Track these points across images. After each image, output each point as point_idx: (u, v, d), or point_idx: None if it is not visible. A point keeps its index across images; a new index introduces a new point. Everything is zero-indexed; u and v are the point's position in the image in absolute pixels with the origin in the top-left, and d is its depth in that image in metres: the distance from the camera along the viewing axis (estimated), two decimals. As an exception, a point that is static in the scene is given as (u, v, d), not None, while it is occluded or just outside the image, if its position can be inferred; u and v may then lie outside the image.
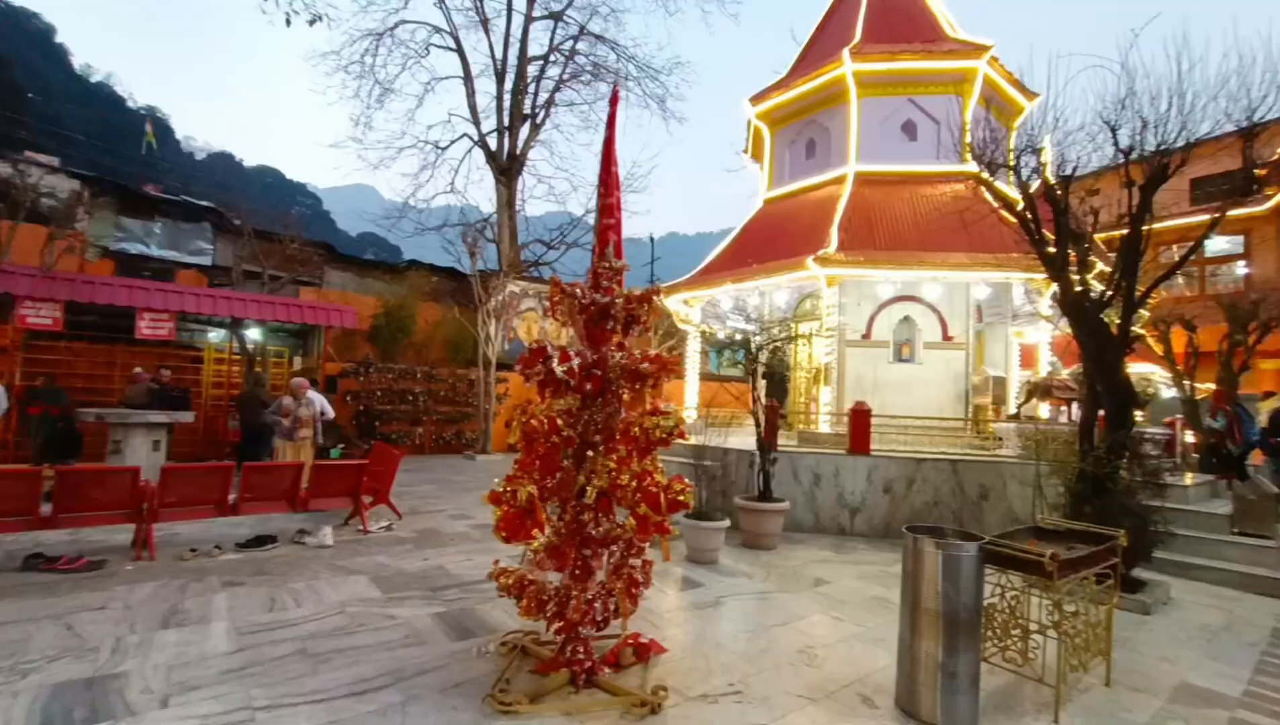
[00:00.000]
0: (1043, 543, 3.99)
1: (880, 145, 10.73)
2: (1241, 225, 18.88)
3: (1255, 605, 5.80)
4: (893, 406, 9.63)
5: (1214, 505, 7.72)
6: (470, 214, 17.95)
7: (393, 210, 18.56)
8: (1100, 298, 6.18)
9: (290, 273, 16.38)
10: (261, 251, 15.86)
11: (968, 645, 3.35)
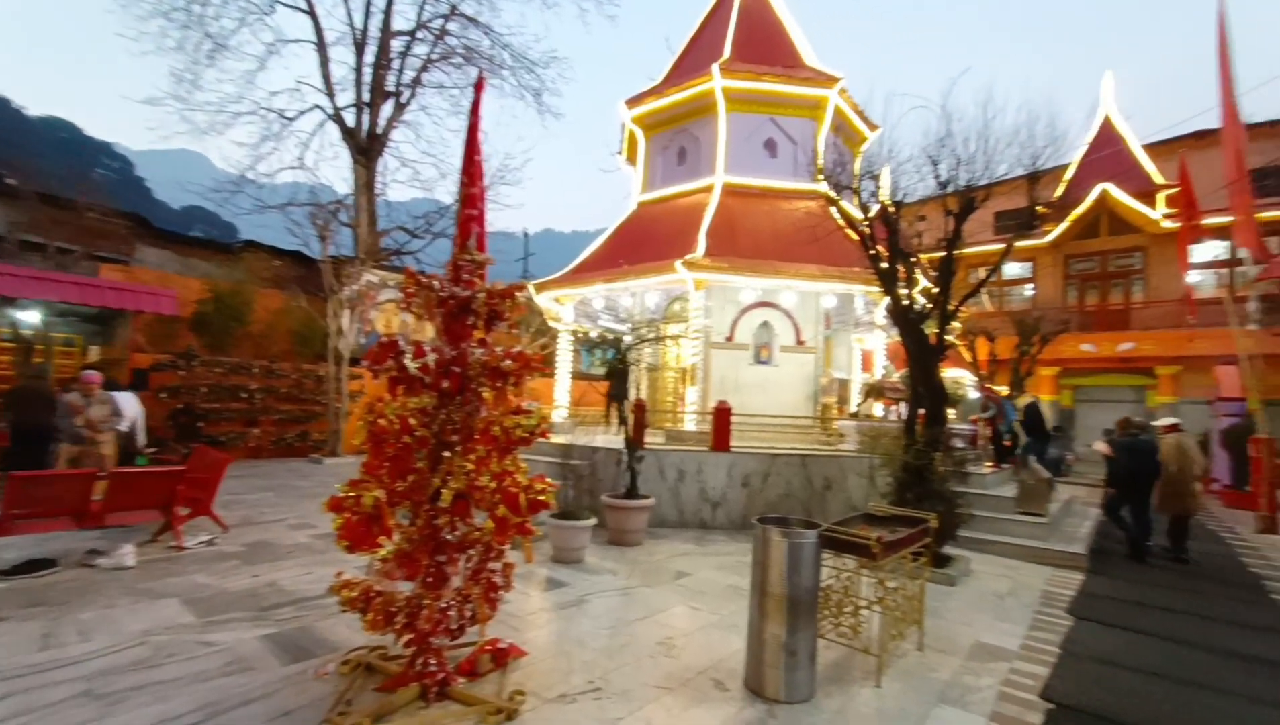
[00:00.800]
0: (871, 527, 4.44)
1: (745, 159, 11.43)
2: (1029, 254, 22.57)
3: (1032, 572, 6.91)
4: (752, 405, 10.28)
5: (1004, 489, 9.09)
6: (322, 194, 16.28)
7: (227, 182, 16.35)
8: (922, 310, 7.05)
9: (85, 247, 13.86)
10: (48, 220, 13.25)
11: (806, 624, 3.64)
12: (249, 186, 16.38)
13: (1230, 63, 11.28)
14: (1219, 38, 11.61)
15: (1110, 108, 22.24)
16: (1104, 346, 19.87)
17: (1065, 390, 21.27)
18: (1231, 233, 11.71)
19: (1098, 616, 5.41)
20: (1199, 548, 8.70)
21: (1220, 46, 11.54)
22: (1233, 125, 11.20)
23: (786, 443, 9.50)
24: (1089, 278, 21.79)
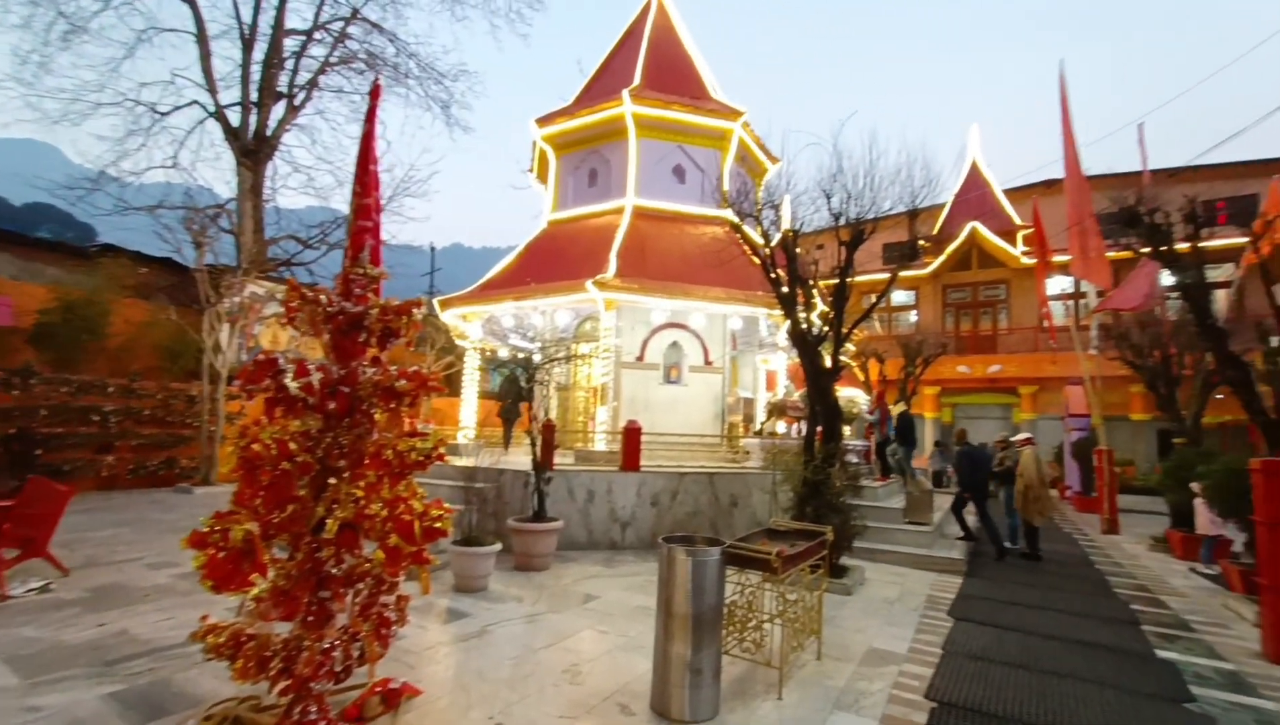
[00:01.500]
0: (773, 542, 4.58)
1: (655, 184, 11.73)
2: (913, 283, 24.65)
3: (919, 578, 7.39)
4: (662, 424, 10.40)
5: (894, 501, 9.73)
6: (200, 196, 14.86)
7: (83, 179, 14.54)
8: (819, 333, 7.47)
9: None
10: None
11: (711, 642, 3.67)
12: (110, 185, 14.65)
13: (1071, 122, 12.98)
14: (1061, 102, 13.35)
15: (977, 155, 24.94)
16: (976, 368, 21.99)
17: (945, 407, 23.27)
18: (1071, 269, 13.38)
19: (973, 617, 5.87)
20: (1055, 548, 9.72)
21: (1063, 109, 13.28)
22: (1074, 176, 12.87)
23: (695, 461, 9.67)
24: (963, 306, 24.12)
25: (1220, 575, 7.76)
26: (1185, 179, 17.40)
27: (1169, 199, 8.21)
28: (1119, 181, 11.48)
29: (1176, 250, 7.68)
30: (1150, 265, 9.54)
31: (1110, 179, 17.59)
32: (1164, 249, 7.73)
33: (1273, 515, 5.10)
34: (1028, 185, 23.41)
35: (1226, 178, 19.87)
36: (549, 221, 12.78)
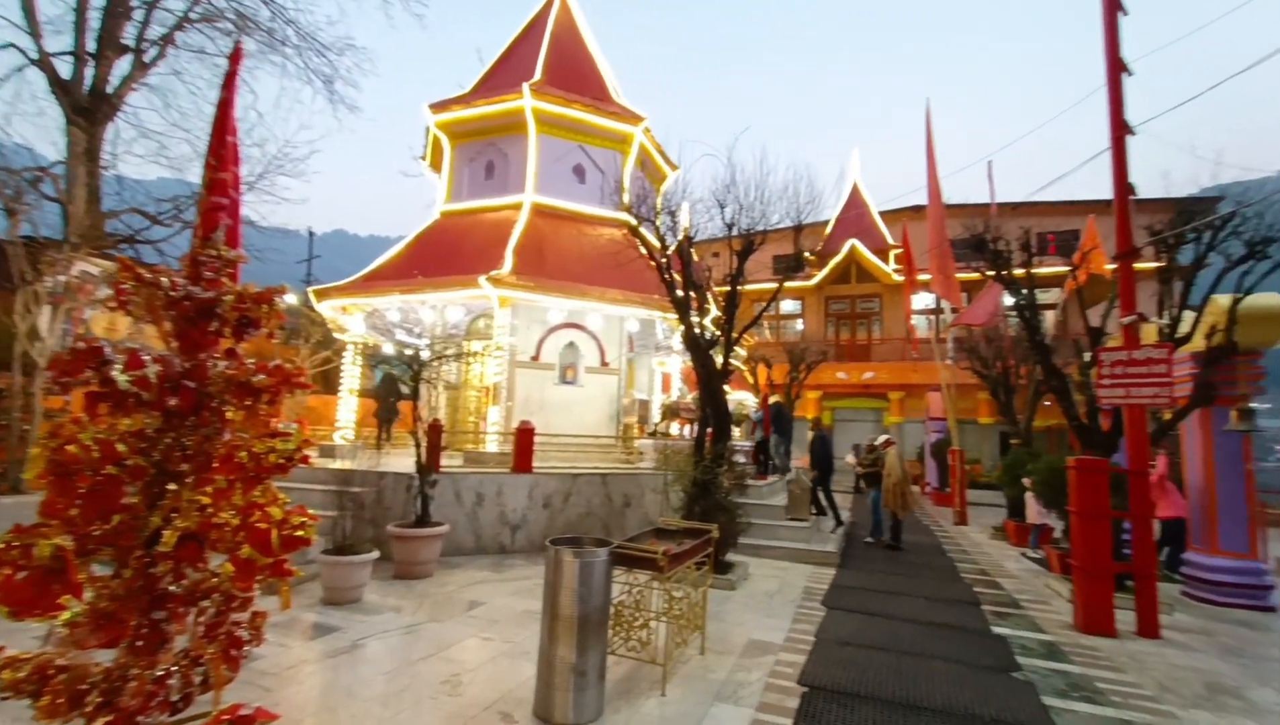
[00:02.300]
0: (661, 541, 4.66)
1: (554, 181, 11.59)
2: (799, 294, 26.25)
3: (798, 571, 7.84)
4: (557, 425, 10.29)
5: (777, 498, 10.26)
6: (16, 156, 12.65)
7: None
8: (711, 337, 7.72)
9: None
10: None
11: (597, 643, 3.66)
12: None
13: (934, 157, 14.42)
14: (926, 139, 14.79)
15: (858, 177, 27.04)
16: (853, 374, 23.80)
17: (826, 410, 24.95)
18: (932, 287, 14.86)
19: (844, 605, 6.32)
20: (915, 539, 10.72)
21: (928, 146, 14.72)
22: (935, 205, 14.30)
23: (589, 462, 9.65)
24: (843, 316, 26.02)
25: (1044, 559, 8.91)
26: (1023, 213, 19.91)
27: (1010, 230, 9.33)
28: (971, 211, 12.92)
29: (1014, 275, 8.74)
30: (995, 287, 10.80)
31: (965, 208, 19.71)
32: (1004, 273, 8.77)
33: (1083, 506, 5.92)
34: (899, 209, 25.72)
35: (1056, 214, 22.98)
36: (442, 212, 12.22)
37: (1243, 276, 6.90)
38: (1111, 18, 6.50)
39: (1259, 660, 5.20)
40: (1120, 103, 6.42)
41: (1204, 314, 7.20)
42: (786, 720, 3.69)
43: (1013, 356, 13.25)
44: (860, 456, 10.42)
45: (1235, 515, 7.03)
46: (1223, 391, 7.07)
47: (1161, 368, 5.92)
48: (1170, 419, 7.27)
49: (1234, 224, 6.89)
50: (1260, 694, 4.45)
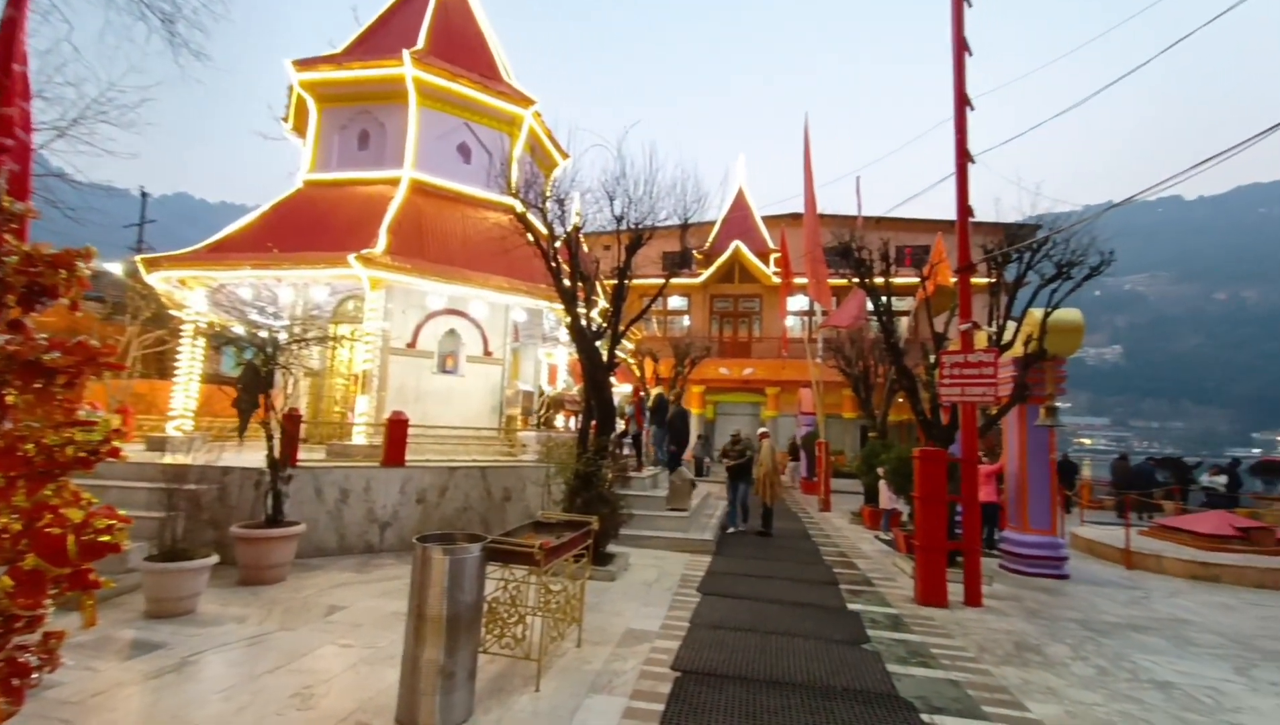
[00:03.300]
0: (539, 535, 4.56)
1: (437, 159, 10.95)
2: (686, 291, 27.06)
3: (676, 560, 8.04)
4: (435, 417, 9.79)
5: (659, 490, 10.48)
6: None
7: None
8: (598, 329, 7.70)
9: None
10: None
11: (467, 643, 3.50)
12: None
13: (811, 167, 15.41)
14: (804, 150, 15.77)
15: (743, 182, 28.32)
16: (734, 370, 24.96)
17: (709, 404, 25.96)
18: (807, 291, 15.95)
19: (717, 591, 6.57)
20: (784, 526, 11.43)
21: (805, 156, 15.71)
22: (811, 213, 15.30)
23: (468, 455, 9.27)
24: (726, 314, 27.19)
25: (893, 540, 9.87)
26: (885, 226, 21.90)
27: (872, 241, 10.20)
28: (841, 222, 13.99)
29: (875, 283, 9.56)
30: (859, 293, 11.75)
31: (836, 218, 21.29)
32: (867, 281, 9.57)
33: (925, 491, 6.61)
34: (779, 215, 27.27)
35: (913, 230, 25.54)
36: (305, 181, 11.11)
37: (1052, 293, 8.04)
38: (959, 58, 7.27)
39: (1054, 620, 6.10)
40: (964, 134, 7.20)
41: (1023, 324, 8.30)
42: (658, 706, 3.75)
43: (872, 357, 14.55)
44: (728, 448, 10.64)
45: (1042, 498, 8.20)
46: (1034, 391, 8.20)
47: (990, 370, 6.74)
48: (995, 414, 8.32)
49: (1046, 248, 8.01)
50: (1054, 649, 5.21)
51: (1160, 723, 3.86)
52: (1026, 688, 4.31)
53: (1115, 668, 4.82)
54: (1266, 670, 4.93)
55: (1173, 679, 4.63)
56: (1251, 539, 9.00)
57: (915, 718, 3.71)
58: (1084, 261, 7.91)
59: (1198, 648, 5.44)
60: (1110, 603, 6.94)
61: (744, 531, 10.05)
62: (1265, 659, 5.21)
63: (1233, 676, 4.75)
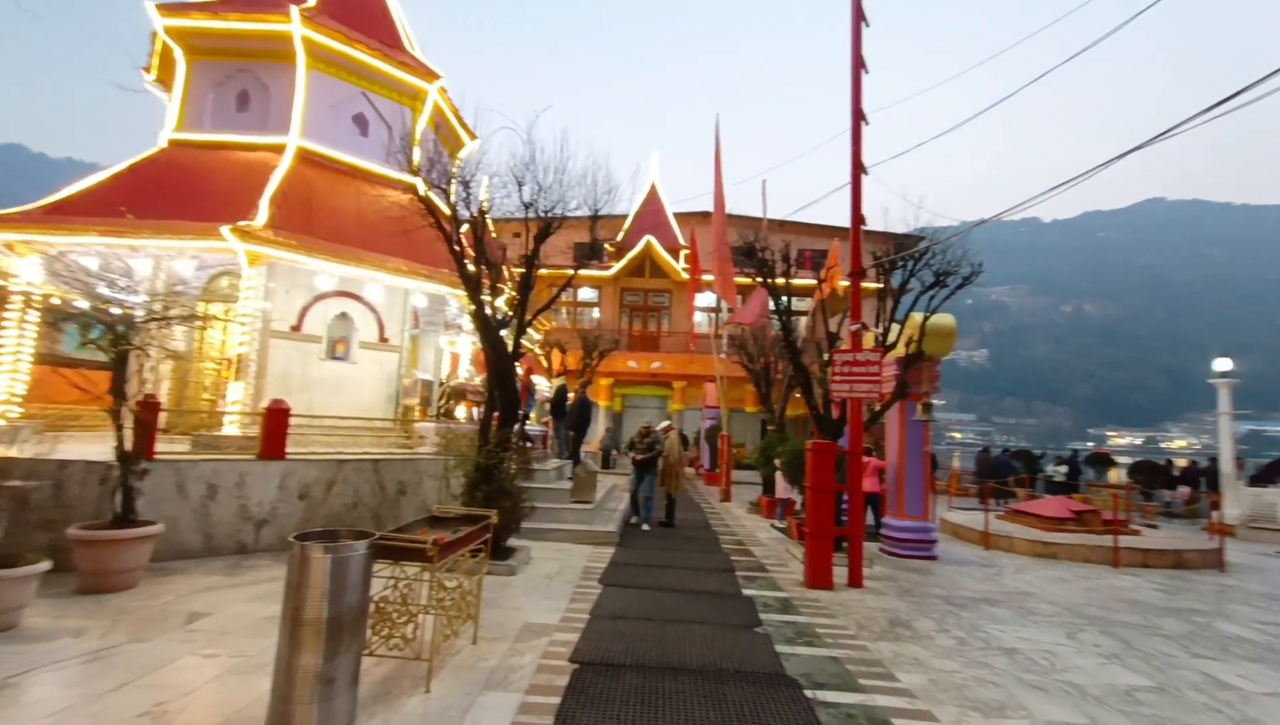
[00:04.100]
0: (434, 530, 4.36)
1: (330, 129, 10.12)
2: (597, 282, 26.99)
3: (579, 552, 8.00)
4: (323, 406, 9.13)
5: (564, 482, 10.39)
6: None
7: None
8: (503, 318, 7.48)
9: None
10: None
11: (350, 646, 3.28)
12: None
13: (721, 167, 15.82)
14: (715, 151, 16.18)
15: (656, 178, 28.61)
16: (643, 363, 25.23)
17: (617, 397, 26.08)
18: (714, 287, 16.41)
19: (619, 581, 6.61)
20: (686, 516, 11.71)
21: (716, 157, 16.11)
22: (719, 212, 15.73)
23: (360, 447, 8.72)
24: (636, 308, 27.42)
25: (787, 528, 10.39)
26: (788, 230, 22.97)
27: (775, 243, 10.65)
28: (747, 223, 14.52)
29: (776, 283, 9.99)
30: (762, 292, 12.23)
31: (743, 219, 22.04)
32: (769, 281, 9.98)
33: (815, 481, 6.99)
34: (690, 212, 27.83)
35: (813, 234, 26.96)
36: (171, 141, 9.87)
37: (930, 300, 8.77)
38: (857, 76, 7.72)
39: (923, 598, 6.68)
40: (859, 146, 7.66)
41: (905, 327, 8.99)
42: (555, 699, 3.71)
43: (773, 354, 15.23)
44: (636, 441, 10.58)
45: (916, 486, 8.94)
46: (913, 389, 8.92)
47: (876, 368, 7.24)
48: (879, 410, 8.96)
49: (927, 258, 8.72)
50: (922, 623, 5.70)
51: (1005, 684, 4.32)
52: (897, 660, 4.68)
53: (971, 637, 5.35)
54: (1090, 634, 5.66)
55: (1017, 645, 5.20)
56: (1083, 521, 10.32)
57: (800, 694, 3.92)
58: (958, 271, 8.69)
59: (1037, 617, 6.15)
60: (969, 580, 7.70)
61: (648, 526, 10.13)
62: (1090, 624, 5.98)
63: (1064, 640, 5.42)
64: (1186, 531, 12.73)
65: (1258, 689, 4.49)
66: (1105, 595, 7.22)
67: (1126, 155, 4.64)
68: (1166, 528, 13.36)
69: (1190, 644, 5.50)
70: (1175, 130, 4.32)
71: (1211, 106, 4.09)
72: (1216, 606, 6.98)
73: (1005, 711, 3.87)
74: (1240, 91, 3.96)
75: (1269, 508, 13.30)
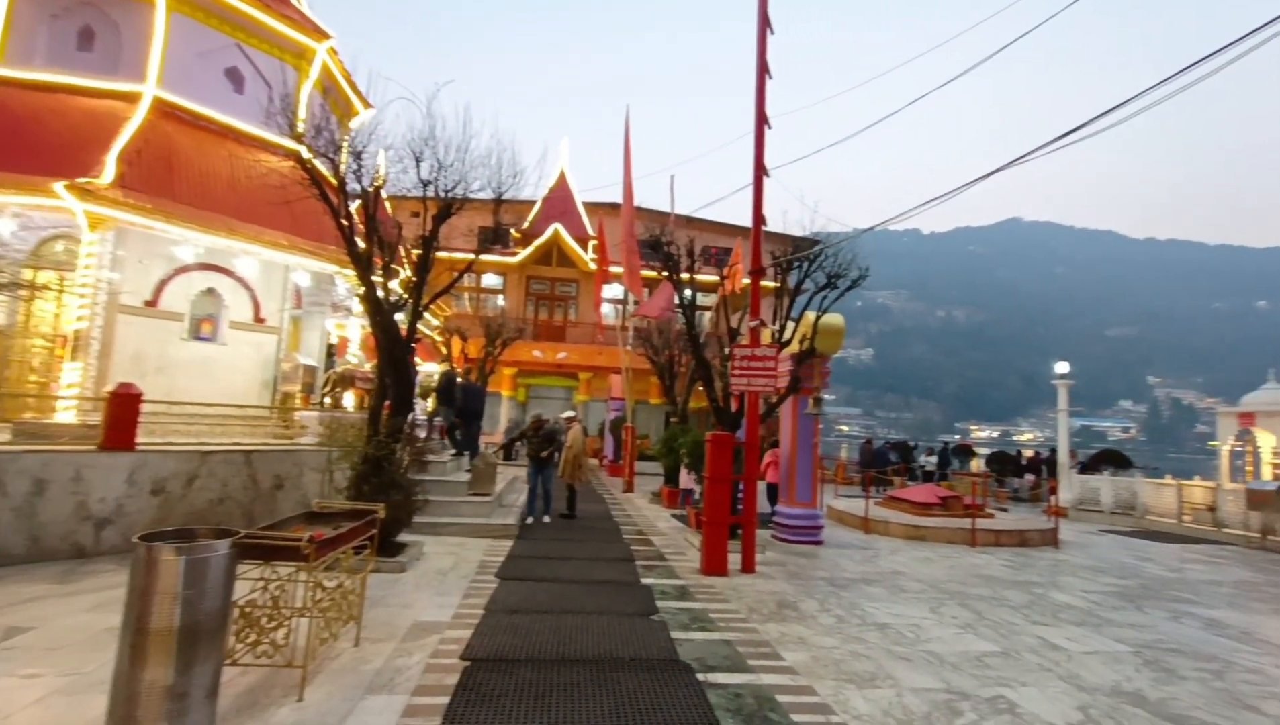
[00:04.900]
0: (313, 526, 4.04)
1: (197, 81, 9.00)
2: (502, 269, 26.23)
3: (476, 546, 7.74)
4: (186, 391, 8.20)
5: (462, 474, 10.02)
6: None
7: None
8: (397, 301, 7.05)
9: None
10: None
11: (207, 656, 2.97)
12: None
13: (630, 160, 15.84)
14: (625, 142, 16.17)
15: (565, 165, 28.20)
16: (548, 353, 24.87)
17: (521, 388, 25.55)
18: (622, 279, 16.46)
19: (517, 575, 6.47)
20: (588, 507, 11.69)
21: (625, 149, 16.11)
22: (628, 204, 15.76)
23: (230, 437, 7.92)
24: (543, 297, 26.97)
25: (686, 516, 10.65)
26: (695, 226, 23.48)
27: (681, 238, 10.83)
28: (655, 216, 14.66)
29: (681, 278, 10.17)
30: (668, 286, 12.42)
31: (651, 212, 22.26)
32: (674, 275, 10.14)
33: (714, 471, 7.20)
34: (599, 202, 27.72)
35: (719, 232, 27.72)
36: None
37: (823, 300, 9.28)
38: (761, 81, 7.99)
39: (809, 580, 7.09)
40: (762, 149, 7.94)
41: (799, 325, 9.47)
42: (444, 699, 3.55)
43: (677, 347, 15.53)
44: (524, 431, 10.18)
45: (806, 476, 9.46)
46: (805, 384, 9.42)
47: (772, 364, 7.56)
48: (774, 403, 9.39)
49: (820, 260, 9.22)
50: (807, 604, 6.04)
51: (877, 656, 4.67)
52: (783, 640, 4.92)
53: (849, 615, 5.74)
54: (950, 608, 6.25)
55: (888, 620, 5.65)
56: (947, 506, 11.41)
57: (692, 678, 4.01)
58: (847, 274, 9.26)
59: (907, 594, 6.72)
60: (850, 562, 8.28)
61: (548, 518, 9.96)
62: (950, 598, 6.61)
63: (928, 614, 5.95)
64: (1030, 514, 14.44)
65: (1080, 649, 5.15)
66: (963, 572, 8.01)
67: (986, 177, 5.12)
68: (1015, 511, 15.10)
69: (1029, 613, 6.22)
70: (1030, 156, 4.83)
71: (1061, 136, 4.60)
72: (1050, 579, 7.96)
73: (875, 682, 4.18)
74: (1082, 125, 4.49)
75: (1094, 492, 15.40)
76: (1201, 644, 5.50)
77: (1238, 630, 6.03)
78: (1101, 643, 5.35)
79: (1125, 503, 14.63)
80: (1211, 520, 12.64)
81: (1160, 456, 68.88)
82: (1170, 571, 8.96)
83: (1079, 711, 3.89)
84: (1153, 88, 4.08)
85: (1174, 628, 5.99)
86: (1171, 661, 4.95)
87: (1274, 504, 11.14)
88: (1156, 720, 3.83)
